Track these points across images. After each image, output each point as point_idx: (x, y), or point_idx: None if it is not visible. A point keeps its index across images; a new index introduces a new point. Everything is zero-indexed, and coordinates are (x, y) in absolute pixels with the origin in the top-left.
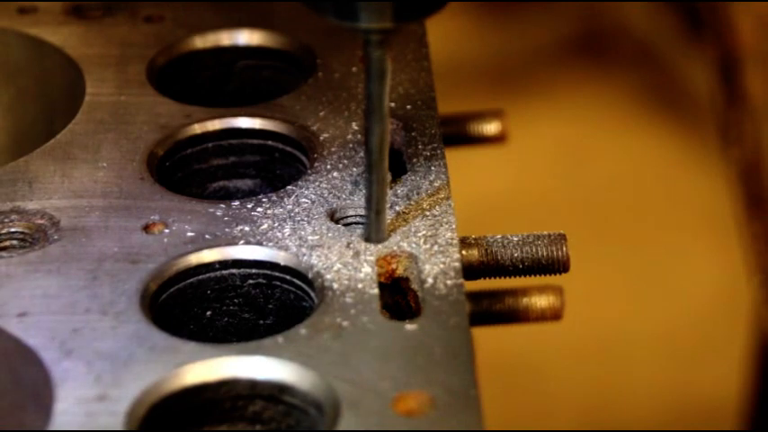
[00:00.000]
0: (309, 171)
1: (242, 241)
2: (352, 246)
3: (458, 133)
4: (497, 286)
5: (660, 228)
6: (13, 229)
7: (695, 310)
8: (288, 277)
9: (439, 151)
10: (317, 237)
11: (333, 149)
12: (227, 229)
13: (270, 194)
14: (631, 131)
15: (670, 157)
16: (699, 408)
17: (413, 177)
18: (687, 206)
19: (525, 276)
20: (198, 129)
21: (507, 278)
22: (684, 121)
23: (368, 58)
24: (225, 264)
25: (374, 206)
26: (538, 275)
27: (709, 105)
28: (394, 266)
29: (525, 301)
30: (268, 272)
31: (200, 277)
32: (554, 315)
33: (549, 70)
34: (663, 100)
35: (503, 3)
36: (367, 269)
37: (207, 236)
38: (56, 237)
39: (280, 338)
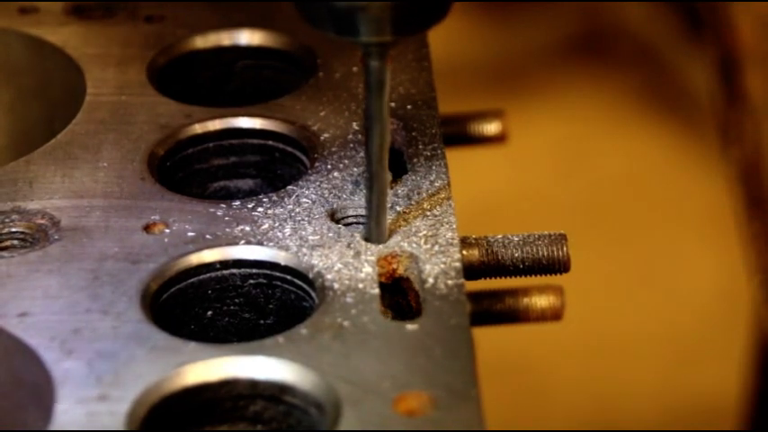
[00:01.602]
0: (310, 171)
1: (243, 241)
2: (352, 246)
3: (458, 133)
4: (498, 286)
5: (660, 228)
6: (13, 229)
7: (695, 310)
8: (288, 277)
9: (439, 151)
10: (317, 237)
11: (333, 149)
12: (227, 229)
13: (270, 194)
14: (631, 131)
15: (670, 157)
16: (699, 408)
17: (413, 177)
18: (687, 206)
19: (526, 276)
20: (198, 129)
21: (508, 278)
22: (684, 121)
23: (367, 70)
24: (226, 264)
25: (374, 211)
26: (538, 275)
27: (709, 105)
28: (395, 266)
29: (526, 301)
30: (269, 272)
31: (201, 277)
32: (554, 315)
33: (550, 70)
34: (663, 100)
35: (503, 3)
36: (368, 269)
37: (207, 236)
38: (56, 237)
39: (280, 338)
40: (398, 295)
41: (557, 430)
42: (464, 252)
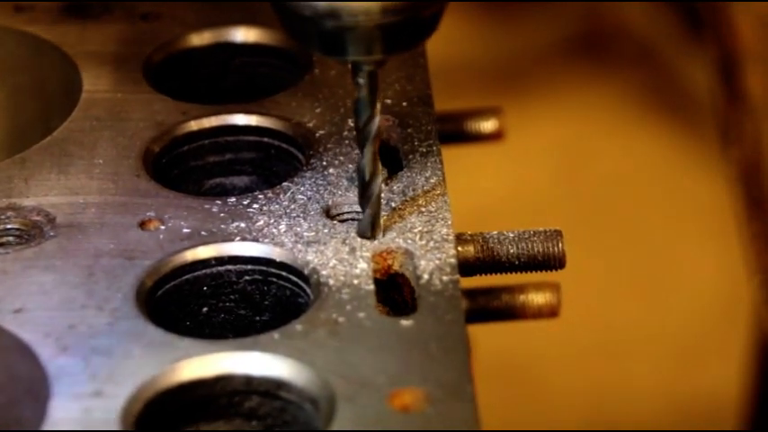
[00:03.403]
0: (305, 168)
1: (238, 238)
2: (347, 242)
3: (455, 131)
4: (494, 283)
5: (660, 228)
6: (9, 226)
7: (695, 310)
8: (284, 273)
9: (435, 148)
10: (312, 233)
11: (328, 146)
12: (222, 226)
13: (266, 191)
14: (631, 131)
15: (670, 157)
16: (699, 408)
17: (409, 174)
18: (687, 206)
19: (522, 272)
20: (194, 126)
21: (504, 274)
22: (684, 121)
23: (357, 87)
24: (221, 260)
25: (368, 208)
26: (534, 271)
27: (710, 105)
28: (390, 262)
29: (522, 297)
30: (264, 268)
31: (197, 273)
32: (551, 312)
33: (549, 70)
34: (663, 100)
35: (503, 3)
36: (363, 265)
37: (203, 232)
38: (52, 233)
39: (276, 334)
40: (393, 291)
41: (556, 430)
42: (459, 248)
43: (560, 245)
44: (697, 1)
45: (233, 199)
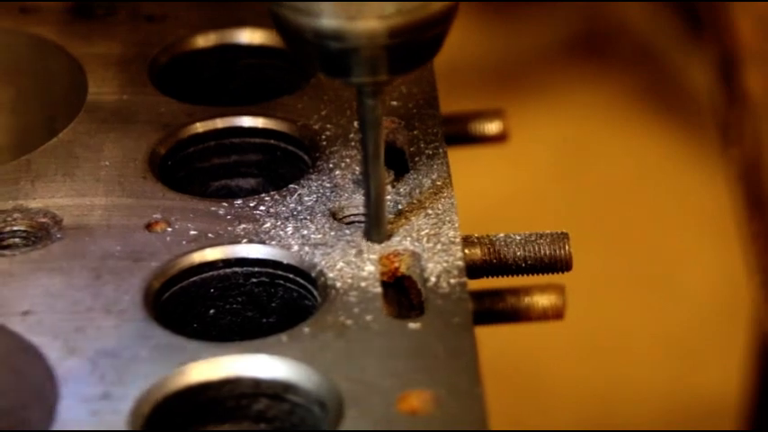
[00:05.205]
0: (311, 170)
1: (245, 240)
2: (354, 244)
3: (459, 133)
4: (499, 285)
5: (660, 228)
6: (15, 228)
7: (695, 310)
8: (291, 276)
9: (441, 150)
10: (319, 235)
11: (335, 148)
12: (229, 228)
13: (272, 193)
14: (631, 131)
15: (670, 156)
16: (699, 408)
17: (415, 176)
18: (687, 206)
19: (528, 275)
20: (200, 127)
21: (509, 277)
22: (684, 121)
23: (361, 108)
24: (228, 262)
25: (373, 211)
26: (540, 274)
27: (709, 105)
28: (397, 265)
29: (527, 300)
30: (271, 270)
31: (204, 276)
32: (556, 314)
33: (550, 70)
34: (663, 100)
35: (503, 3)
36: (370, 267)
37: (210, 234)
38: (59, 235)
39: (283, 337)
40: (401, 294)
41: (557, 430)
42: (466, 251)
43: (567, 247)
44: (697, 1)
45: (239, 201)
